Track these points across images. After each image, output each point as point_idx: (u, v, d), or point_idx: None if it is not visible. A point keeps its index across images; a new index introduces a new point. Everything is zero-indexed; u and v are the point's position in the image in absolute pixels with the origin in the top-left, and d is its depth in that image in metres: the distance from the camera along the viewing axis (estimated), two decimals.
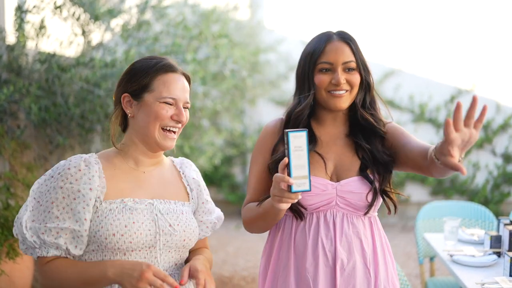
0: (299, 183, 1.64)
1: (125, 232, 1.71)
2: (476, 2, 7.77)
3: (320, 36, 2.04)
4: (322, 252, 1.95)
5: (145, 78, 1.80)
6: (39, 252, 1.72)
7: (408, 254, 6.12)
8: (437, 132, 8.02)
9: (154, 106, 1.78)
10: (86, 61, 4.05)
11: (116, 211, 1.73)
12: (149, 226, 1.75)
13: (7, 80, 4.01)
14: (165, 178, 1.91)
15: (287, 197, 1.66)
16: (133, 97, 1.82)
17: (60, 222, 1.70)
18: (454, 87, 8.01)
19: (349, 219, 1.99)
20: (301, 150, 1.64)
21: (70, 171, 1.74)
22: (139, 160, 1.86)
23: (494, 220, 4.09)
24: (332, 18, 7.92)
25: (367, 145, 2.02)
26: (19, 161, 4.08)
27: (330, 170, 2.01)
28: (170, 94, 1.79)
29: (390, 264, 2.07)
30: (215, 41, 4.75)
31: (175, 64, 1.86)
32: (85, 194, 1.72)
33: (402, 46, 8.02)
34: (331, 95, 1.97)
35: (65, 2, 4.17)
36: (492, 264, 3.03)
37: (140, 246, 1.74)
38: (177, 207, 1.85)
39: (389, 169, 2.02)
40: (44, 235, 1.70)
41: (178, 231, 1.80)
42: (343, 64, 1.97)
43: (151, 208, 1.79)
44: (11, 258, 3.62)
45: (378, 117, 2.06)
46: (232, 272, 5.53)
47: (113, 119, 1.87)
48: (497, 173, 7.84)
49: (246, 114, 8.06)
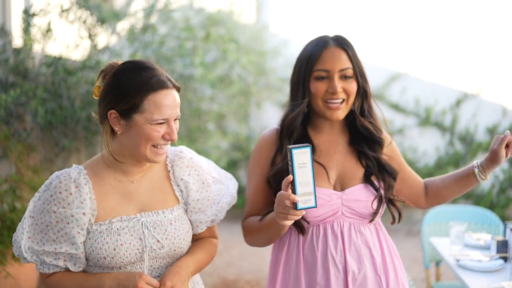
0: (304, 200, 1.62)
1: (114, 255, 1.76)
2: (483, 6, 7.75)
3: (317, 42, 1.99)
4: (332, 263, 1.92)
5: (135, 98, 1.70)
6: (40, 269, 1.80)
7: (414, 259, 6.10)
8: (442, 136, 8.00)
9: (145, 128, 1.72)
10: (92, 64, 4.06)
11: (105, 234, 1.77)
12: (137, 246, 1.79)
13: (14, 83, 4.02)
14: (153, 185, 1.88)
15: (292, 214, 1.64)
16: (121, 116, 1.73)
17: (57, 246, 1.75)
18: (460, 91, 7.99)
19: (356, 228, 1.97)
20: (305, 167, 1.61)
21: (61, 195, 1.74)
22: (127, 171, 1.84)
23: (500, 225, 4.07)
24: (337, 22, 7.92)
25: (372, 153, 2.00)
26: (25, 163, 4.09)
27: (333, 179, 1.98)
28: (161, 115, 1.72)
29: (398, 266, 2.06)
30: (223, 45, 4.75)
31: (166, 79, 1.76)
32: (79, 219, 1.74)
33: (407, 50, 8.00)
34: (328, 107, 1.93)
35: (71, 6, 4.19)
36: (499, 269, 3.02)
37: (132, 261, 1.79)
38: (165, 217, 1.84)
39: (393, 176, 2.01)
40: (43, 256, 1.76)
41: (166, 245, 1.82)
42: (340, 72, 1.92)
43: (138, 225, 1.80)
44: (17, 261, 3.63)
45: (377, 125, 2.04)
46: (236, 276, 5.52)
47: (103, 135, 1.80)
48: (503, 177, 7.80)
49: (252, 118, 8.06)
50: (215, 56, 4.68)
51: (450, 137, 8.00)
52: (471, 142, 7.93)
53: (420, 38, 7.95)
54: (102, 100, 1.77)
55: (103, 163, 1.84)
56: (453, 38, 7.87)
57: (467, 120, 7.96)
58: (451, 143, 7.99)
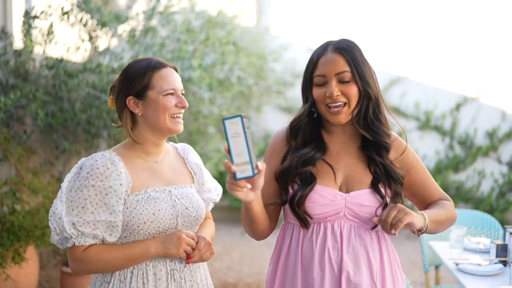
0: (242, 170, 1.62)
1: (153, 220, 1.95)
2: (483, 10, 7.76)
3: (316, 49, 2.01)
4: (329, 262, 1.93)
5: (144, 78, 2.01)
6: (76, 242, 1.90)
7: (414, 262, 6.10)
8: (442, 139, 8.01)
9: (159, 99, 2.00)
10: (93, 67, 4.07)
11: (142, 202, 1.97)
12: (171, 211, 2.00)
13: (14, 85, 4.02)
14: (174, 165, 2.15)
15: (235, 184, 1.66)
16: (138, 98, 2.02)
17: (96, 216, 1.90)
18: (460, 95, 8.00)
19: (357, 231, 1.96)
20: (238, 136, 1.61)
21: (99, 170, 1.93)
22: (149, 152, 2.07)
23: (500, 229, 4.07)
24: (338, 25, 7.93)
25: (380, 159, 2.00)
26: (25, 166, 4.09)
27: (340, 180, 1.98)
28: (169, 85, 2.02)
29: (400, 279, 2.04)
30: (222, 47, 4.75)
31: (164, 60, 2.08)
32: (117, 189, 1.92)
33: (408, 54, 8.02)
34: (329, 111, 1.94)
35: (72, 8, 4.19)
36: (498, 273, 3.02)
37: (166, 229, 1.99)
38: (188, 191, 2.10)
39: (400, 183, 2.01)
40: (82, 227, 1.89)
41: (192, 212, 2.06)
42: (336, 76, 1.92)
43: (170, 195, 2.03)
44: (16, 263, 3.63)
45: (383, 129, 2.01)
46: (236, 279, 5.52)
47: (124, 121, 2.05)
48: (502, 181, 7.81)
49: (252, 121, 8.06)
50: (214, 59, 4.68)
51: (450, 141, 8.00)
52: (470, 146, 7.94)
53: (420, 42, 7.97)
54: (118, 95, 2.05)
55: (126, 148, 2.06)
56: (453, 42, 7.88)
57: (467, 124, 7.97)
58: (450, 147, 8.00)
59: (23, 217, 3.69)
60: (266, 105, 7.58)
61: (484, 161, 7.95)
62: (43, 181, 4.01)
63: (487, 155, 7.92)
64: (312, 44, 7.55)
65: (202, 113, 4.64)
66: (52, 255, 5.19)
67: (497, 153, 7.92)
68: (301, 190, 1.93)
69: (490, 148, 7.85)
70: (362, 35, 7.75)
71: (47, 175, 4.41)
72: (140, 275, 1.97)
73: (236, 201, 8.15)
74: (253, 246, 6.72)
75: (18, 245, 3.65)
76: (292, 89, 7.90)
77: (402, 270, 2.10)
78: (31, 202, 3.95)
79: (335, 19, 8.00)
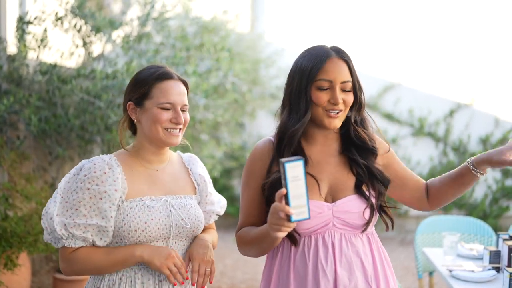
0: (298, 212, 1.64)
1: (145, 228, 1.95)
2: (476, 17, 7.80)
3: (317, 51, 1.97)
4: (323, 274, 1.91)
5: (145, 86, 2.01)
6: (66, 243, 1.92)
7: (407, 268, 6.10)
8: (436, 146, 8.02)
9: (153, 110, 1.99)
10: (86, 73, 4.06)
11: (136, 209, 1.96)
12: (165, 222, 1.99)
13: (7, 90, 4.01)
14: (176, 174, 2.13)
15: (286, 226, 1.66)
16: (136, 105, 2.03)
17: (88, 220, 1.91)
18: (453, 102, 8.02)
19: (348, 238, 1.96)
20: (298, 180, 1.63)
21: (96, 174, 1.94)
22: (150, 160, 2.07)
23: (493, 235, 4.08)
24: (332, 32, 7.95)
25: (363, 160, 2.00)
26: (18, 172, 4.07)
27: (324, 191, 1.97)
28: (167, 99, 1.99)
29: (390, 277, 2.05)
30: (216, 54, 4.76)
31: (171, 72, 2.06)
32: (111, 195, 1.93)
33: (401, 60, 8.04)
34: (327, 115, 1.93)
35: (66, 14, 4.19)
36: (491, 280, 3.02)
37: (158, 238, 1.98)
38: (186, 201, 2.08)
39: (385, 183, 2.01)
40: (73, 229, 1.90)
41: (188, 223, 2.04)
42: (341, 84, 1.92)
43: (166, 204, 2.02)
44: (9, 269, 3.61)
45: (370, 135, 2.04)
46: (230, 285, 5.51)
47: (120, 124, 2.10)
48: (496, 187, 7.83)
49: (246, 127, 8.06)
50: (208, 65, 4.68)
51: (444, 147, 8.02)
52: (464, 152, 7.96)
53: (414, 49, 8.00)
54: (124, 96, 2.09)
55: (128, 154, 2.07)
56: (447, 49, 7.92)
57: (460, 130, 7.99)
58: (444, 153, 8.02)
59: (16, 223, 3.68)
60: (260, 111, 7.59)
61: None
62: (36, 187, 3.99)
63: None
64: None
65: (196, 120, 4.64)
66: (44, 261, 5.16)
67: None
68: None
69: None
70: (356, 42, 7.77)
71: (40, 181, 4.39)
72: (128, 282, 1.97)
73: (229, 207, 8.12)
74: None
75: (10, 251, 3.64)
76: None
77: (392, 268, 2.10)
78: (24, 208, 3.93)
79: (329, 26, 8.02)
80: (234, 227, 7.81)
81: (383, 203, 2.01)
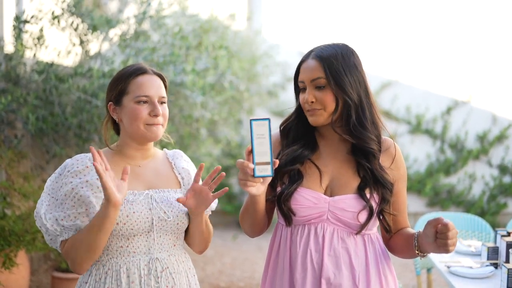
0: (261, 169, 1.73)
1: (126, 221, 1.95)
2: (473, 15, 7.81)
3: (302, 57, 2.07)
4: (310, 264, 1.96)
5: (121, 84, 2.03)
6: (60, 237, 1.95)
7: (405, 265, 6.11)
8: (433, 143, 8.04)
9: (131, 106, 2.01)
10: (84, 71, 4.05)
11: None
12: (147, 215, 1.99)
13: (5, 89, 4.01)
14: (159, 170, 2.14)
15: (251, 180, 1.75)
16: (116, 104, 2.05)
17: (75, 209, 1.93)
18: (450, 99, 8.04)
19: (340, 234, 1.97)
20: (263, 138, 1.72)
21: (78, 168, 1.97)
22: (132, 156, 2.09)
23: (491, 231, 4.09)
24: (329, 29, 7.96)
25: (367, 164, 2.00)
26: (16, 170, 4.07)
27: (325, 183, 2.00)
28: (143, 92, 2.01)
29: (392, 284, 2.04)
30: (214, 52, 4.75)
31: (146, 67, 2.08)
32: (93, 184, 1.94)
33: (399, 58, 8.05)
34: (307, 113, 2.00)
35: (63, 12, 4.18)
36: (489, 276, 3.03)
37: (140, 231, 1.99)
38: (170, 195, 2.08)
39: (389, 189, 2.00)
40: (63, 221, 1.93)
41: (171, 216, 2.04)
42: (312, 82, 1.96)
43: (148, 198, 2.03)
44: (7, 268, 3.61)
45: (368, 135, 2.00)
46: (228, 283, 5.51)
47: (104, 124, 2.13)
48: (493, 184, 7.85)
49: (244, 125, 8.06)
50: (206, 63, 4.68)
51: (441, 144, 8.04)
52: (461, 149, 7.98)
53: (411, 46, 8.01)
54: (106, 98, 2.10)
55: (111, 152, 2.10)
56: (444, 46, 7.92)
57: (458, 127, 8.01)
58: (441, 150, 8.03)
59: (14, 222, 3.67)
60: (258, 108, 7.59)
61: (475, 164, 7.99)
62: (33, 186, 3.99)
63: (478, 159, 7.96)
64: (303, 47, 7.56)
65: (193, 117, 4.64)
66: (43, 260, 5.16)
67: (487, 156, 7.96)
68: (287, 188, 1.97)
69: (481, 151, 7.89)
70: (353, 39, 7.77)
71: (38, 179, 4.39)
72: (114, 276, 1.99)
73: (227, 205, 8.15)
74: (245, 250, 6.71)
75: (8, 250, 3.63)
76: (283, 91, 7.91)
77: (395, 275, 2.09)
78: (22, 206, 3.93)
79: (326, 23, 8.03)
80: (232, 225, 7.81)
81: (385, 209, 2.00)
